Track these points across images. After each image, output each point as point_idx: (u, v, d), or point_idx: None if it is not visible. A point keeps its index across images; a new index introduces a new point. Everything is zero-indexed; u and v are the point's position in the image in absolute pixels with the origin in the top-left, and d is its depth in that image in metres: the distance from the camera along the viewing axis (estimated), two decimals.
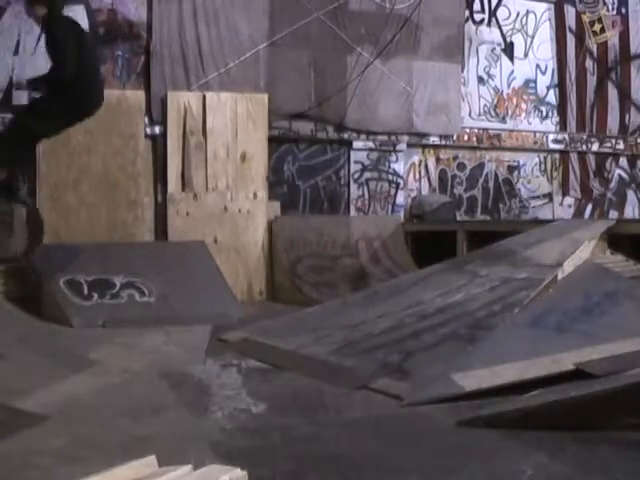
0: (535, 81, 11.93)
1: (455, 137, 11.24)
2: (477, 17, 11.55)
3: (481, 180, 11.61)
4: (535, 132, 11.84)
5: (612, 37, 12.11)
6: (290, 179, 10.47)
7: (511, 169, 11.80)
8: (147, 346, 5.87)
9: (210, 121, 9.55)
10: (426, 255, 7.95)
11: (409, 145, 11.01)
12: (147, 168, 9.65)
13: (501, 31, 11.70)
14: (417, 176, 11.22)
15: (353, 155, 10.74)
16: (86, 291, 7.21)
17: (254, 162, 9.72)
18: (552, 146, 11.97)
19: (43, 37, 5.91)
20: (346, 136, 10.62)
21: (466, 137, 11.36)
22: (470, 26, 11.41)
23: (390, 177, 10.91)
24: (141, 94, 9.63)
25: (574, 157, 12.11)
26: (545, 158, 12.02)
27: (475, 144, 11.45)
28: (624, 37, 12.26)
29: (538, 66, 11.92)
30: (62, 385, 4.47)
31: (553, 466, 3.02)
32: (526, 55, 11.87)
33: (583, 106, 12.07)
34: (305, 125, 10.37)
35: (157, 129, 9.66)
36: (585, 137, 12.09)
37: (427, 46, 10.86)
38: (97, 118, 9.26)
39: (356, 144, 10.70)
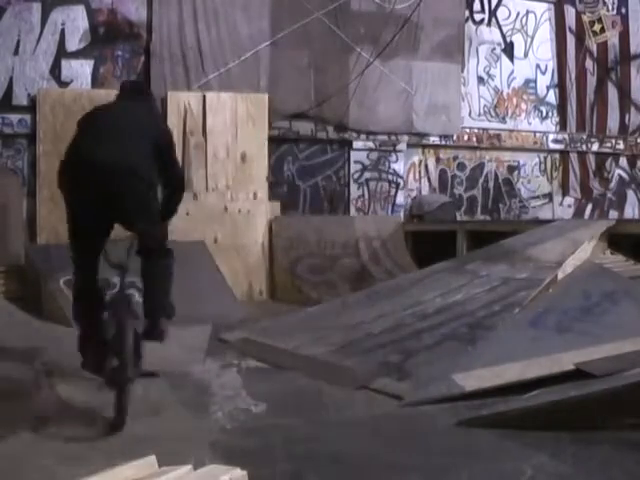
0: (535, 81, 11.93)
1: (455, 137, 11.24)
2: (477, 17, 11.54)
3: (481, 180, 11.61)
4: (535, 132, 11.84)
5: (612, 37, 12.11)
6: (290, 179, 10.47)
7: (511, 169, 11.80)
8: (147, 346, 5.85)
9: (210, 121, 9.55)
10: (426, 255, 7.95)
11: (409, 145, 11.01)
12: None
13: (501, 31, 11.70)
14: (417, 176, 11.21)
15: (353, 155, 10.74)
16: None
17: (254, 162, 9.71)
18: (552, 146, 11.96)
19: None
20: (346, 136, 10.62)
21: (466, 137, 11.36)
22: (470, 26, 11.41)
23: (390, 177, 10.90)
24: None
25: (574, 157, 12.11)
26: (545, 158, 12.02)
27: (475, 144, 11.45)
28: (624, 37, 12.25)
29: (538, 66, 11.92)
30: (62, 385, 4.46)
31: (553, 466, 3.02)
32: (526, 55, 11.86)
33: (583, 106, 12.07)
34: (305, 125, 10.37)
35: None
36: (585, 137, 12.08)
37: (427, 46, 10.86)
38: None
39: (356, 144, 10.70)
